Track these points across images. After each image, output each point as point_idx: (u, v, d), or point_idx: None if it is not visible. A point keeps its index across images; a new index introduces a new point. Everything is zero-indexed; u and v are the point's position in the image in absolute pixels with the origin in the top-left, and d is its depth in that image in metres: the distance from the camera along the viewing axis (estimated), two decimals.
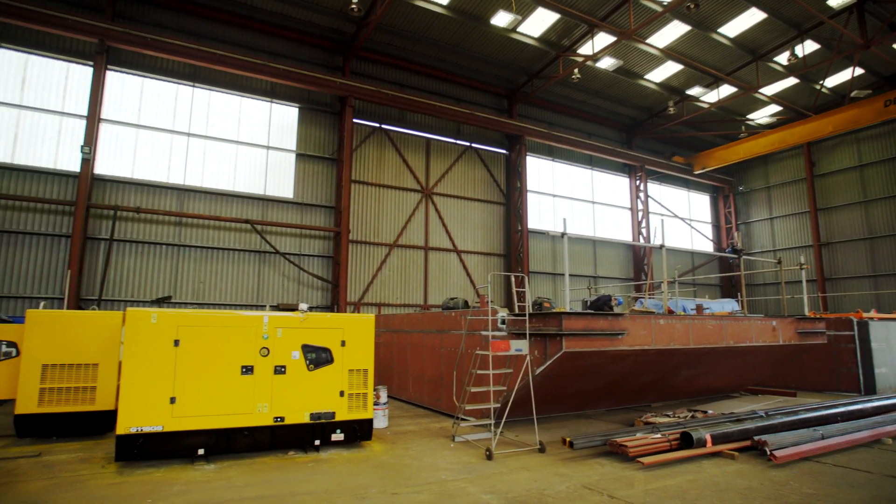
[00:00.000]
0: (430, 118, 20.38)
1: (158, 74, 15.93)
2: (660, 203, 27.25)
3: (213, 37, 16.54)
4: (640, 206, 25.56)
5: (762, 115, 25.25)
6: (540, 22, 18.10)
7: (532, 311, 8.78)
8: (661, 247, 10.65)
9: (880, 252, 23.30)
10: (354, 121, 18.54)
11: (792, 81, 22.07)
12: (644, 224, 25.39)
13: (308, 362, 6.96)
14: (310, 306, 12.18)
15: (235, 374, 6.55)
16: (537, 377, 7.82)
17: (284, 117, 17.89)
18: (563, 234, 9.33)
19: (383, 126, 19.58)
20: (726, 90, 22.53)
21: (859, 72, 21.54)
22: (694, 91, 22.72)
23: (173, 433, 6.16)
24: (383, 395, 8.65)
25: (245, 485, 5.49)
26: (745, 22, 18.50)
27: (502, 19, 17.45)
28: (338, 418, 6.99)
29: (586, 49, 18.97)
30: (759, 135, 23.90)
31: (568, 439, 7.17)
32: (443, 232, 20.32)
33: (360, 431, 7.14)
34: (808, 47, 19.74)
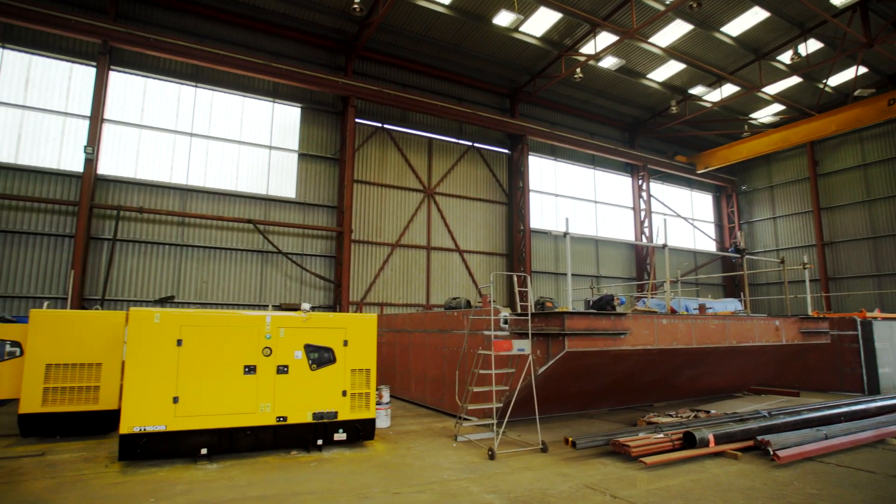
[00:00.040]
0: (433, 118, 20.38)
1: (161, 75, 15.98)
2: (662, 202, 27.20)
3: (216, 37, 16.58)
4: (643, 206, 25.53)
5: (765, 115, 25.18)
6: (542, 21, 18.09)
7: (534, 310, 8.77)
8: (663, 246, 10.63)
9: (884, 251, 23.21)
10: (357, 121, 18.56)
11: (795, 80, 22.00)
12: (647, 223, 25.36)
13: (310, 362, 6.97)
14: (312, 306, 12.19)
15: (238, 373, 6.56)
16: (540, 377, 7.81)
17: (287, 117, 17.92)
18: (565, 234, 9.32)
19: (385, 126, 19.59)
20: (729, 89, 22.47)
21: (863, 70, 21.47)
22: (696, 90, 22.69)
23: (176, 433, 6.18)
24: (386, 395, 8.66)
25: (247, 484, 5.51)
26: (747, 21, 18.45)
27: (504, 19, 17.48)
28: (340, 418, 7.01)
29: (588, 48, 18.95)
30: (762, 134, 23.84)
31: (570, 439, 7.17)
32: (445, 232, 20.32)
33: (362, 431, 7.15)
34: (811, 46, 19.67)
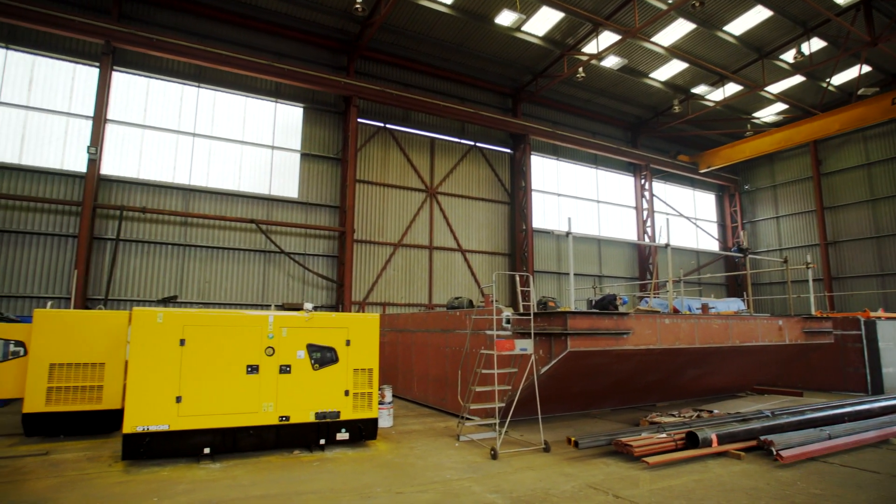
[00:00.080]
0: (435, 118, 20.38)
1: (164, 75, 16.01)
2: (665, 202, 27.14)
3: (218, 37, 16.60)
4: (645, 206, 25.48)
5: (768, 114, 25.11)
6: (544, 21, 18.06)
7: (537, 310, 8.77)
8: (666, 246, 10.62)
9: (888, 251, 23.11)
10: (359, 120, 18.56)
11: (798, 79, 21.93)
12: (649, 223, 25.31)
13: (313, 362, 6.98)
14: (314, 306, 12.22)
15: (241, 373, 6.57)
16: (542, 376, 7.81)
17: (289, 117, 17.94)
18: (567, 234, 9.32)
19: (388, 126, 19.59)
20: (732, 88, 22.40)
21: (866, 69, 21.37)
22: (699, 89, 22.64)
23: (179, 432, 6.20)
24: (388, 395, 8.67)
25: (250, 484, 5.52)
26: (750, 20, 18.38)
27: (507, 18, 17.47)
28: (343, 417, 7.01)
29: (591, 48, 18.92)
30: (765, 133, 23.77)
31: (573, 439, 7.16)
32: (447, 231, 20.32)
33: (364, 431, 7.16)
34: (814, 45, 19.60)
